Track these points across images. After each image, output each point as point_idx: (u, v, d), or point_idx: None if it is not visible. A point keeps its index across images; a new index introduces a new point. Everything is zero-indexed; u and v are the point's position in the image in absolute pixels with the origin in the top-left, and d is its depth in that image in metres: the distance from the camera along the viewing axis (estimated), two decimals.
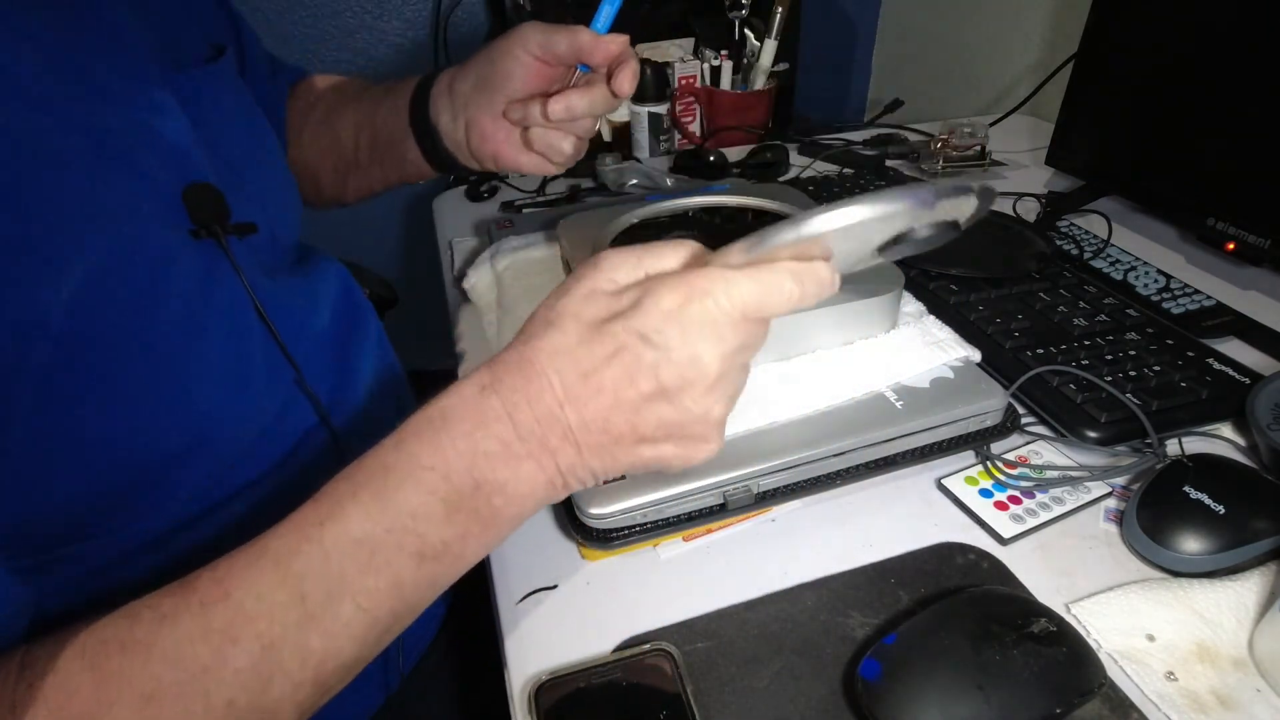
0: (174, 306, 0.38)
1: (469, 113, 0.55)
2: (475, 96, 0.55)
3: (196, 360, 0.40)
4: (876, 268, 0.55)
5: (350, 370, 0.53)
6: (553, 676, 0.38)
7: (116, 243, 0.36)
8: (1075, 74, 0.84)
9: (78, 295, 0.34)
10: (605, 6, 0.51)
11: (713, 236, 0.61)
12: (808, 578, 0.43)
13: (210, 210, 0.40)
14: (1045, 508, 0.47)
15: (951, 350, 0.53)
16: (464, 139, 0.56)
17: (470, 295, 0.69)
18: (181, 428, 0.40)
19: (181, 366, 0.40)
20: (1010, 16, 1.21)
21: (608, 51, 0.51)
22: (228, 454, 0.43)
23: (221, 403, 0.42)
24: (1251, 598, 0.41)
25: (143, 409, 0.38)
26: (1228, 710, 0.36)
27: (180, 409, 0.40)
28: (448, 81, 0.56)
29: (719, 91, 1.09)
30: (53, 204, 0.34)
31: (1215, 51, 0.69)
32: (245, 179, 0.46)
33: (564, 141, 0.54)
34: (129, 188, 0.37)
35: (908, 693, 0.34)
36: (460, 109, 0.55)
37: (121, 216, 0.37)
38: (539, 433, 0.35)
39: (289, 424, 0.47)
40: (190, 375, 0.40)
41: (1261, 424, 0.49)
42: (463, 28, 1.46)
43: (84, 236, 0.35)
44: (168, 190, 0.39)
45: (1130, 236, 0.79)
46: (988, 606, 0.38)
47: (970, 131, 0.93)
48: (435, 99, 0.57)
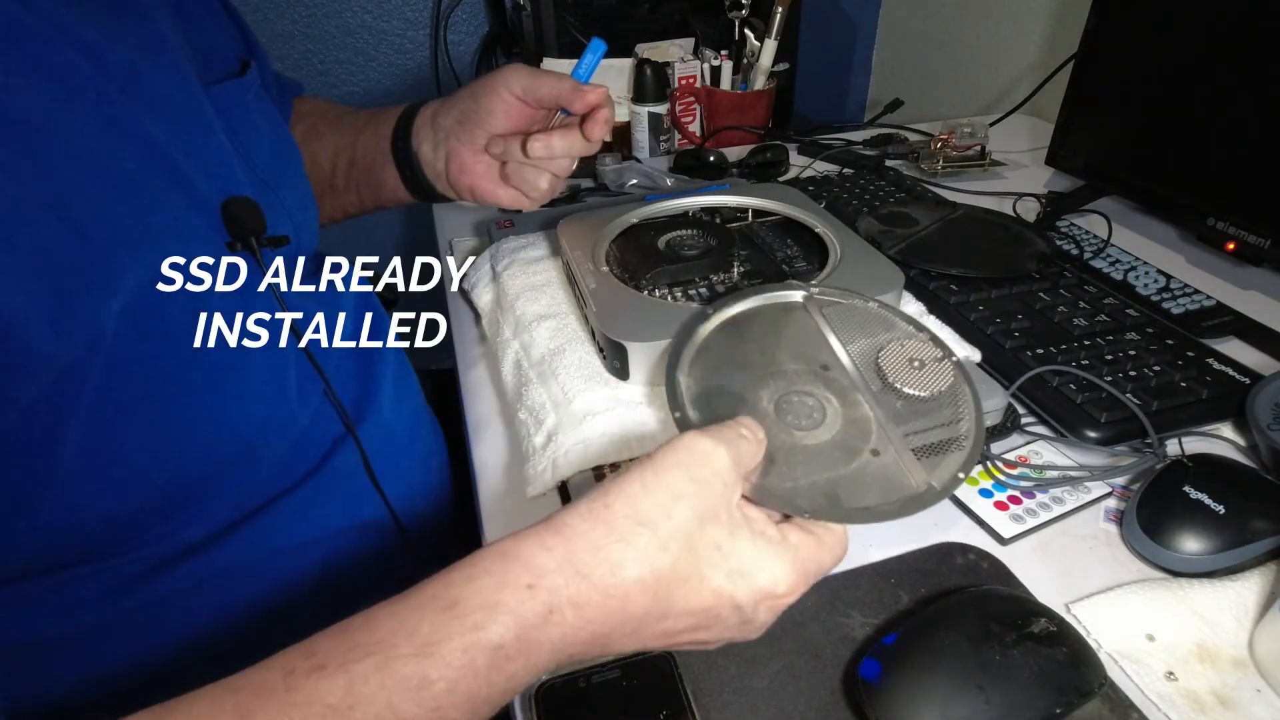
0: (216, 320, 0.38)
1: (450, 144, 0.56)
2: (457, 130, 0.56)
3: (238, 372, 0.40)
4: (876, 268, 0.55)
5: (372, 378, 0.54)
6: (553, 676, 0.37)
7: (164, 255, 0.35)
8: (1075, 74, 0.84)
9: (129, 308, 0.34)
10: (588, 56, 0.53)
11: (713, 236, 0.61)
12: None
13: (248, 224, 0.41)
14: (1045, 508, 0.47)
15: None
16: (444, 169, 0.58)
17: (470, 295, 0.69)
18: (226, 440, 0.40)
19: (225, 379, 0.40)
20: (1010, 16, 1.21)
21: (587, 101, 0.53)
22: (266, 465, 0.43)
23: (262, 415, 0.42)
24: (1251, 598, 0.41)
25: (190, 423, 0.38)
26: (1228, 710, 0.36)
27: (224, 422, 0.40)
28: (431, 113, 0.57)
29: (719, 91, 1.09)
30: (108, 216, 0.34)
31: (1215, 51, 0.69)
32: (274, 191, 0.47)
33: (540, 178, 0.55)
34: (175, 200, 0.37)
35: (908, 693, 0.34)
36: (441, 140, 0.57)
37: (168, 229, 0.36)
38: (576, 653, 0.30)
39: (318, 434, 0.47)
40: (233, 388, 0.40)
41: (1261, 424, 0.49)
42: (463, 28, 1.46)
43: (138, 248, 0.34)
44: (209, 202, 0.39)
45: (1130, 236, 0.79)
46: (988, 606, 0.38)
47: (970, 131, 0.93)
48: (418, 129, 0.58)
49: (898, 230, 0.72)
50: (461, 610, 0.28)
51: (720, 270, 0.59)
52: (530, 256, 0.65)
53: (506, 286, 0.62)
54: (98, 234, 0.33)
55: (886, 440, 0.41)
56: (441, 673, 0.27)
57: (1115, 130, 0.81)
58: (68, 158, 0.32)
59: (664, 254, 0.59)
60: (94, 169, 0.33)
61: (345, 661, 0.26)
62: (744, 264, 0.60)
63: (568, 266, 0.59)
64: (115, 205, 0.34)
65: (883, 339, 0.47)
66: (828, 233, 0.60)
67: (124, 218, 0.34)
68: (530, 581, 0.29)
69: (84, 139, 0.33)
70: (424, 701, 0.26)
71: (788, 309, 0.49)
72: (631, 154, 1.05)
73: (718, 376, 0.44)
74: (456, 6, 1.43)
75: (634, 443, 0.46)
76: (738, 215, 0.68)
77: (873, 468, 0.40)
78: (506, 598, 0.28)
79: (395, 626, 0.27)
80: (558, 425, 0.47)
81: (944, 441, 0.42)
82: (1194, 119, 0.72)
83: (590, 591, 0.30)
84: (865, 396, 0.43)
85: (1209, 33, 0.70)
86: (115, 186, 0.34)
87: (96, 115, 0.34)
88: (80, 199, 0.32)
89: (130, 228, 0.34)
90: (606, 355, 0.51)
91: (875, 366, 0.45)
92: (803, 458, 0.40)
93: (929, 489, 0.39)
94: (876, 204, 0.80)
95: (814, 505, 0.37)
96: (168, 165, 0.37)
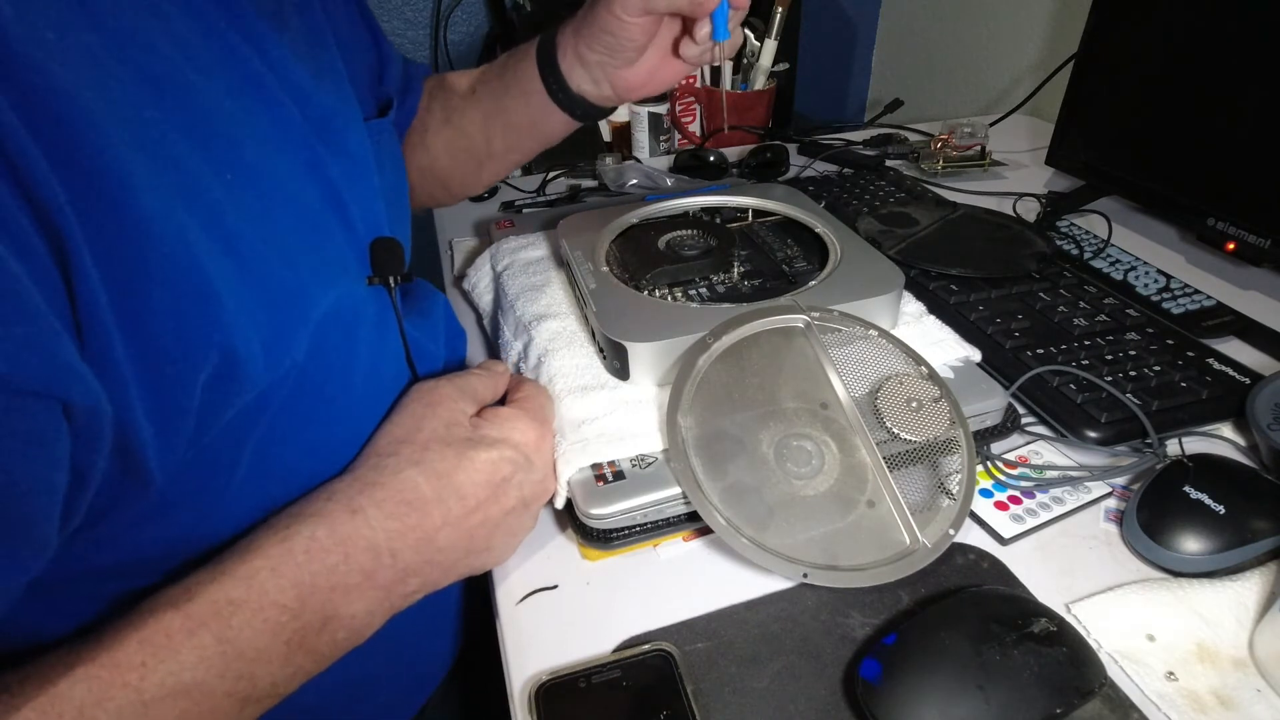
0: (363, 353, 0.40)
1: (609, 75, 0.56)
2: (607, 62, 0.55)
3: (375, 405, 0.42)
4: (876, 268, 0.55)
5: None
6: (553, 677, 0.37)
7: (336, 289, 0.37)
8: (1075, 74, 0.84)
9: (312, 336, 0.36)
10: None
11: (713, 236, 0.61)
12: None
13: (390, 263, 0.42)
14: (1045, 508, 0.47)
15: (951, 350, 0.53)
16: (612, 93, 0.58)
17: (470, 295, 0.69)
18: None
19: (368, 405, 0.42)
20: (1010, 16, 1.21)
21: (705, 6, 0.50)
22: None
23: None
24: (1251, 598, 0.41)
25: (338, 447, 0.40)
26: (1228, 710, 0.36)
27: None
28: (571, 56, 0.57)
29: (719, 91, 1.09)
30: (307, 250, 0.36)
31: (1215, 51, 0.69)
32: (401, 227, 0.49)
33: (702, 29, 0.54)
34: (345, 238, 0.39)
35: (908, 693, 0.34)
36: (600, 77, 0.57)
37: (337, 264, 0.38)
38: (413, 562, 0.36)
39: None
40: (373, 413, 0.42)
41: (1261, 424, 0.49)
42: (463, 28, 1.46)
43: (323, 282, 0.36)
44: (362, 240, 0.41)
45: (1130, 236, 0.80)
46: (988, 606, 0.38)
47: (970, 131, 0.93)
48: (568, 73, 0.57)
49: (898, 230, 0.72)
50: (270, 522, 0.35)
51: (720, 270, 0.59)
52: (530, 257, 0.65)
53: (506, 287, 0.62)
54: (303, 268, 0.35)
55: (881, 490, 0.42)
56: (264, 562, 0.33)
57: (1115, 130, 0.81)
58: (285, 202, 0.35)
59: (664, 254, 0.59)
60: (299, 207, 0.36)
61: (202, 581, 0.32)
62: (744, 264, 0.60)
63: (568, 266, 0.59)
64: (310, 241, 0.36)
65: (882, 375, 0.47)
66: (828, 233, 0.60)
67: (314, 253, 0.36)
68: (327, 495, 0.36)
69: (292, 180, 0.36)
70: (251, 587, 0.32)
71: (788, 335, 0.49)
72: (631, 154, 1.05)
73: (718, 416, 0.45)
74: (456, 6, 1.43)
75: (633, 442, 0.46)
76: (738, 215, 0.68)
77: (868, 521, 0.42)
78: (307, 507, 0.36)
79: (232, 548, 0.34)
80: (557, 425, 0.47)
81: (936, 491, 0.43)
82: (1194, 119, 0.72)
83: (382, 490, 0.37)
84: (862, 440, 0.44)
85: (1209, 32, 0.70)
86: (310, 224, 0.36)
87: (299, 159, 0.36)
88: (292, 237, 0.35)
89: (317, 263, 0.36)
90: (606, 355, 0.51)
91: (873, 407, 0.45)
92: (801, 512, 0.42)
93: (921, 547, 0.41)
94: (876, 204, 0.80)
95: (811, 565, 0.40)
96: (340, 205, 0.39)
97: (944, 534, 0.42)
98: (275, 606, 0.32)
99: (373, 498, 0.36)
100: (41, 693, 0.27)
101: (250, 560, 0.33)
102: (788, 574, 0.40)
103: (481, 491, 0.39)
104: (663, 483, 0.44)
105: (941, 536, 0.42)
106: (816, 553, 0.41)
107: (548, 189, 0.92)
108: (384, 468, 0.38)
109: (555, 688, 0.37)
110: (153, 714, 0.29)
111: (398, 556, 0.36)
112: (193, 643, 0.30)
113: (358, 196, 0.41)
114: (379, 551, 0.36)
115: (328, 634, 0.34)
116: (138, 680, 0.29)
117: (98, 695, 0.28)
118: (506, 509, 0.41)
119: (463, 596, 0.57)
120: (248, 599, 0.32)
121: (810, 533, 0.41)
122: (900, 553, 0.41)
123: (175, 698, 0.29)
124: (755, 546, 0.40)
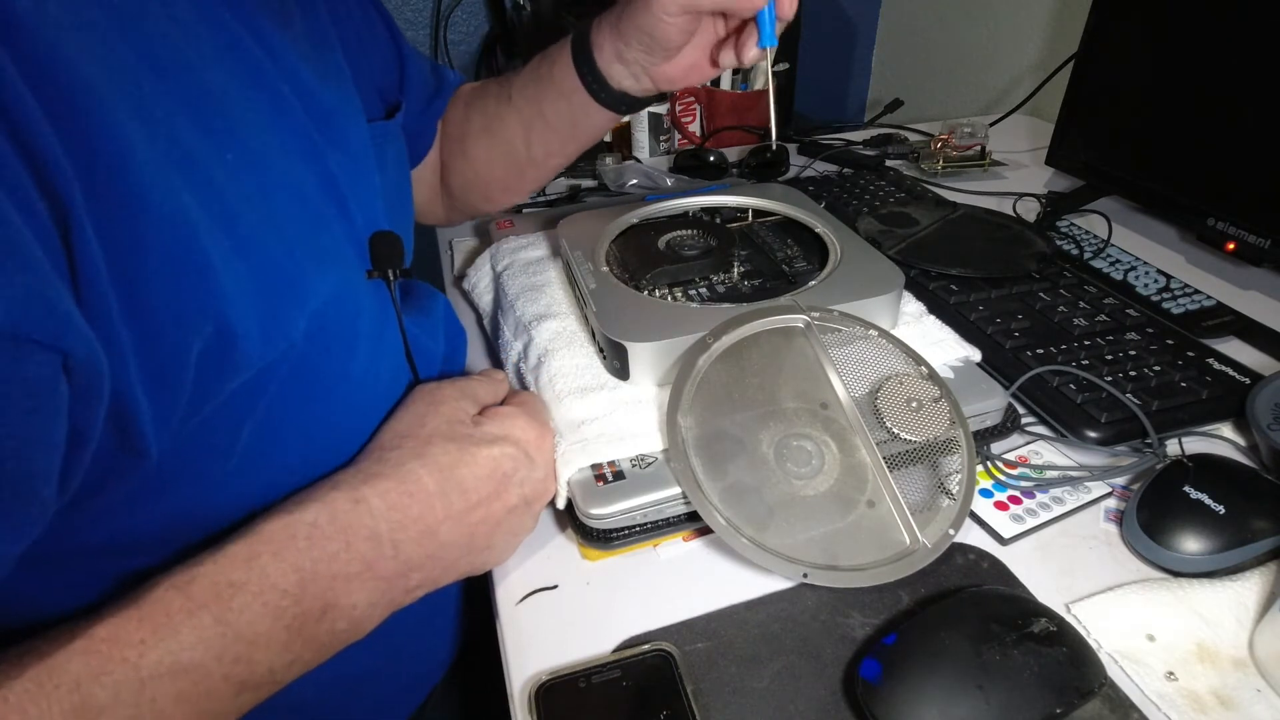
0: (361, 346, 0.40)
1: (650, 71, 0.57)
2: (646, 59, 0.56)
3: (374, 398, 0.43)
4: (876, 268, 0.55)
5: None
6: (553, 676, 0.37)
7: (333, 278, 0.38)
8: (1075, 74, 0.84)
9: (310, 322, 0.36)
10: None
11: (713, 236, 0.61)
12: None
13: (390, 257, 0.43)
14: (1045, 508, 0.47)
15: (951, 350, 0.53)
16: (653, 86, 0.59)
17: (470, 295, 0.69)
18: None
19: (364, 404, 0.42)
20: (1010, 16, 1.21)
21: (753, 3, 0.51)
22: None
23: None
24: (1251, 598, 0.41)
25: (337, 435, 0.40)
26: (1228, 710, 0.36)
27: (365, 438, 0.42)
28: (611, 54, 0.57)
29: (719, 91, 1.09)
30: (305, 237, 0.36)
31: (1215, 51, 0.69)
32: (402, 225, 0.49)
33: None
34: (344, 230, 0.40)
35: (908, 693, 0.34)
36: (640, 73, 0.57)
37: (335, 255, 0.39)
38: (415, 555, 0.36)
39: None
40: (371, 412, 0.43)
41: (1261, 424, 0.49)
42: (463, 28, 1.46)
43: (321, 269, 0.37)
44: (361, 235, 0.42)
45: (1130, 236, 0.80)
46: (988, 606, 0.38)
47: (970, 131, 0.93)
48: (608, 72, 0.58)
49: (898, 230, 0.72)
50: (273, 508, 0.35)
51: (720, 270, 0.59)
52: (530, 257, 0.65)
53: (506, 287, 0.62)
54: (300, 253, 0.35)
55: (881, 490, 0.42)
56: (265, 546, 0.33)
57: (1115, 130, 0.81)
58: (284, 188, 0.35)
59: (664, 254, 0.59)
60: (297, 195, 0.36)
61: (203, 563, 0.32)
62: (744, 264, 0.60)
63: (568, 267, 0.59)
64: (308, 228, 0.36)
65: (882, 375, 0.47)
66: (828, 233, 0.60)
67: (312, 241, 0.37)
68: (332, 484, 0.37)
69: (291, 169, 0.36)
70: (252, 570, 0.32)
71: (788, 335, 0.49)
72: (631, 154, 1.05)
73: (718, 416, 0.45)
74: (456, 6, 1.43)
75: (633, 442, 0.46)
76: (738, 215, 0.68)
77: (868, 521, 0.42)
78: (310, 495, 0.36)
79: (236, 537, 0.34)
80: (557, 425, 0.47)
81: (936, 491, 0.43)
82: (1194, 118, 0.72)
83: (386, 481, 0.37)
84: (862, 440, 0.44)
85: (1209, 32, 0.70)
86: (308, 212, 0.37)
87: (299, 149, 0.37)
88: (290, 222, 0.35)
89: (315, 251, 0.37)
90: (607, 355, 0.51)
91: (873, 407, 0.45)
92: (801, 511, 0.42)
93: (921, 547, 0.41)
94: (876, 204, 0.80)
95: (811, 565, 0.40)
96: (339, 198, 0.39)
97: (944, 534, 0.42)
98: (276, 590, 0.32)
99: (376, 488, 0.37)
100: (39, 665, 0.27)
101: (252, 544, 0.33)
102: (788, 574, 0.40)
103: (484, 487, 0.40)
104: (663, 483, 0.44)
105: (941, 536, 0.42)
106: (816, 553, 0.41)
107: (548, 189, 0.92)
108: (387, 460, 0.39)
109: (555, 687, 0.37)
110: (149, 692, 0.29)
111: (399, 548, 0.36)
112: (192, 623, 0.30)
113: (357, 192, 0.41)
114: (380, 541, 0.36)
115: (327, 622, 0.34)
116: (136, 657, 0.29)
117: (95, 670, 0.28)
118: (509, 506, 0.41)
119: (462, 596, 0.57)
120: (248, 581, 0.32)
121: (810, 533, 0.41)
122: (900, 553, 0.41)
123: (173, 677, 0.29)
124: (755, 546, 0.40)
